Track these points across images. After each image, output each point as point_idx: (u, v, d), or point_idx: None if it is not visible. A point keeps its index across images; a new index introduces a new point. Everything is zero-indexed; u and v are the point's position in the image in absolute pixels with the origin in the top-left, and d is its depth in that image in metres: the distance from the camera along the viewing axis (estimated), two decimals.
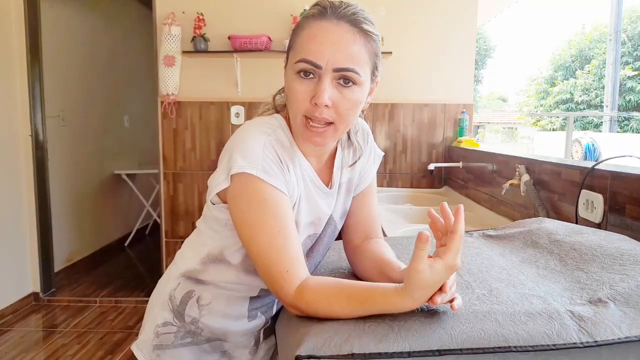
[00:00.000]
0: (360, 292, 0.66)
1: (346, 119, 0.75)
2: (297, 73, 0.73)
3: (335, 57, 0.71)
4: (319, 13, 0.73)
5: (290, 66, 0.75)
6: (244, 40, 2.63)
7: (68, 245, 3.54)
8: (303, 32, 0.74)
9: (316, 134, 0.75)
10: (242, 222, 0.74)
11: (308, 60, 0.72)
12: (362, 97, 0.76)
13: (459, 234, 0.60)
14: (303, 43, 0.73)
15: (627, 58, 13.52)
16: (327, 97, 0.72)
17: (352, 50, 0.72)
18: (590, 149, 4.96)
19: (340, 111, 0.74)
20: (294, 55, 0.75)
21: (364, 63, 0.74)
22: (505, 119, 21.38)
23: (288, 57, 0.78)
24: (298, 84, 0.74)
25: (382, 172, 2.83)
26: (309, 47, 0.72)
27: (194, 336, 0.88)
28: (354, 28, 0.72)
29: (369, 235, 0.93)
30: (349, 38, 0.72)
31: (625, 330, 0.58)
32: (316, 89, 0.72)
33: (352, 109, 0.75)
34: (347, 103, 0.74)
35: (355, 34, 0.72)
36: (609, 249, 0.82)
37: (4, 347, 2.46)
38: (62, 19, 3.46)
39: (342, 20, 0.72)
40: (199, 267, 0.86)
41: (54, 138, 3.28)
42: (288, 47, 0.78)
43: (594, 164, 1.18)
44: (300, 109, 0.74)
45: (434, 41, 2.76)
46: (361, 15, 0.74)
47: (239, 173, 0.73)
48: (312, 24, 0.73)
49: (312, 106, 0.73)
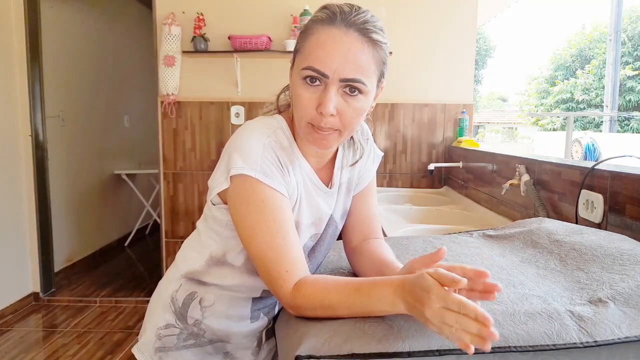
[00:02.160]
0: (358, 280, 0.67)
1: (350, 126, 0.75)
2: (304, 79, 0.73)
3: (343, 67, 0.70)
4: (327, 18, 0.72)
5: (297, 71, 0.75)
6: (244, 40, 2.63)
7: (68, 245, 3.54)
8: (311, 38, 0.73)
9: (321, 137, 0.75)
10: (242, 223, 0.75)
11: (315, 69, 0.71)
12: (367, 104, 0.76)
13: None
14: (311, 49, 0.72)
15: (627, 58, 13.51)
16: (333, 107, 0.72)
17: (360, 61, 0.71)
18: (590, 149, 4.96)
19: (345, 119, 0.74)
20: (301, 60, 0.74)
21: (371, 73, 0.73)
22: (505, 119, 21.37)
23: (294, 59, 0.77)
24: (304, 90, 0.73)
25: (382, 172, 2.83)
26: (317, 55, 0.71)
27: (196, 338, 0.88)
28: (363, 37, 0.71)
29: (369, 235, 0.93)
30: (357, 47, 0.71)
31: (625, 330, 0.58)
32: (322, 97, 0.72)
33: (357, 117, 0.75)
34: (353, 112, 0.74)
35: (364, 44, 0.71)
36: (609, 249, 0.82)
37: (4, 347, 2.46)
38: (62, 19, 3.46)
39: (351, 28, 0.71)
40: (201, 268, 0.86)
41: (54, 138, 3.28)
42: (295, 49, 0.78)
43: (594, 164, 1.18)
44: (305, 115, 0.74)
45: (434, 41, 2.76)
46: (371, 23, 0.72)
47: (238, 174, 0.73)
48: (321, 30, 0.72)
49: (317, 115, 0.73)
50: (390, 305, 0.61)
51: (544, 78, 16.51)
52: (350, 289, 0.65)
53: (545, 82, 16.29)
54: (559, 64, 16.17)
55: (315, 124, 0.74)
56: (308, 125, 0.75)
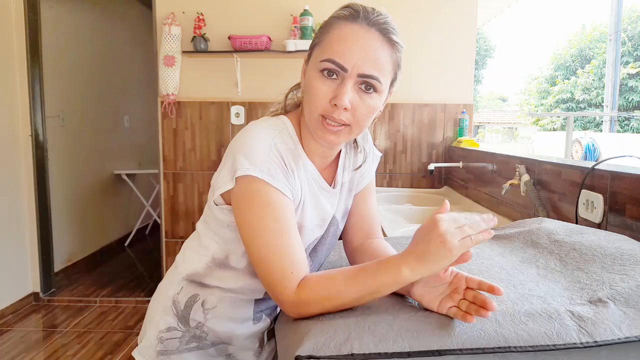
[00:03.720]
0: (362, 264, 0.70)
1: (361, 123, 0.76)
2: (321, 71, 0.74)
3: (362, 62, 0.71)
4: (350, 15, 0.73)
5: (314, 63, 0.75)
6: (244, 40, 2.63)
7: (68, 245, 3.54)
8: (333, 32, 0.74)
9: (331, 132, 0.75)
10: (245, 224, 0.74)
11: (335, 61, 0.72)
12: (379, 104, 0.77)
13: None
14: (332, 43, 0.73)
15: (627, 58, 13.51)
16: (348, 100, 0.72)
17: (379, 58, 0.73)
18: (591, 149, 4.96)
19: (357, 115, 0.74)
20: (320, 53, 0.74)
21: (387, 72, 0.75)
22: (505, 119, 21.37)
23: (311, 54, 0.78)
24: (320, 82, 0.74)
25: (382, 172, 2.83)
26: (338, 48, 0.72)
27: (199, 340, 0.87)
28: (383, 37, 0.73)
29: (370, 234, 0.93)
30: (378, 46, 0.72)
31: (625, 330, 0.58)
32: (338, 90, 0.73)
33: (369, 114, 0.76)
34: (366, 109, 0.75)
35: (384, 43, 0.73)
36: (609, 249, 0.82)
37: (4, 347, 2.46)
38: (62, 19, 3.46)
39: (373, 27, 0.73)
40: (202, 270, 0.86)
41: (54, 138, 3.28)
42: (313, 44, 0.78)
43: (594, 164, 1.18)
44: (318, 107, 0.74)
45: (434, 41, 2.76)
46: (391, 25, 0.74)
47: (244, 175, 0.73)
48: (343, 25, 0.73)
49: (331, 107, 0.74)
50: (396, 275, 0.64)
51: (544, 78, 16.51)
52: (355, 270, 0.68)
53: (546, 82, 16.29)
54: (559, 63, 16.17)
55: (327, 116, 0.74)
56: (319, 118, 0.75)
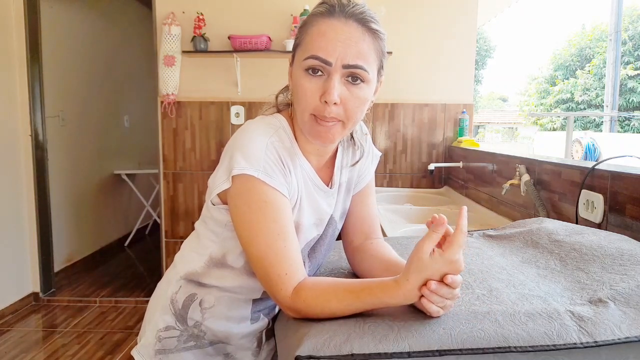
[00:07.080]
0: (357, 284, 0.67)
1: (354, 116, 0.76)
2: (306, 70, 0.73)
3: (345, 53, 0.71)
4: (327, 11, 0.73)
5: (298, 63, 0.75)
6: (244, 40, 2.63)
7: (68, 245, 3.54)
8: (312, 29, 0.74)
9: (325, 130, 0.75)
10: (242, 223, 0.74)
11: (318, 56, 0.72)
12: (369, 94, 0.76)
13: (462, 230, 0.61)
14: (313, 40, 0.73)
15: (627, 58, 13.50)
16: (337, 95, 0.72)
17: (361, 48, 0.72)
18: (591, 149, 4.96)
19: (348, 109, 0.74)
20: (302, 52, 0.74)
21: (372, 61, 0.74)
22: (506, 119, 21.38)
23: (294, 55, 0.78)
24: (307, 81, 0.73)
25: (382, 172, 2.83)
26: (319, 44, 0.72)
27: (197, 339, 0.87)
28: (362, 27, 0.73)
29: (370, 235, 0.93)
30: (358, 36, 0.72)
31: (625, 330, 0.58)
32: (325, 86, 0.72)
33: (360, 106, 0.75)
34: (356, 101, 0.74)
35: (364, 33, 0.73)
36: (609, 249, 0.82)
37: (4, 347, 2.46)
38: (62, 19, 3.46)
39: (350, 18, 0.72)
40: (200, 270, 0.86)
41: (54, 138, 3.28)
42: (294, 45, 0.78)
43: (594, 164, 1.18)
44: (308, 106, 0.74)
45: (434, 41, 2.75)
46: (368, 14, 0.74)
47: (240, 174, 0.72)
48: (321, 21, 0.73)
49: (321, 104, 0.73)
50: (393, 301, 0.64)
51: (544, 78, 16.50)
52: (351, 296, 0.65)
53: (546, 82, 16.27)
54: (559, 63, 16.15)
55: (318, 115, 0.74)
56: (311, 117, 0.75)
